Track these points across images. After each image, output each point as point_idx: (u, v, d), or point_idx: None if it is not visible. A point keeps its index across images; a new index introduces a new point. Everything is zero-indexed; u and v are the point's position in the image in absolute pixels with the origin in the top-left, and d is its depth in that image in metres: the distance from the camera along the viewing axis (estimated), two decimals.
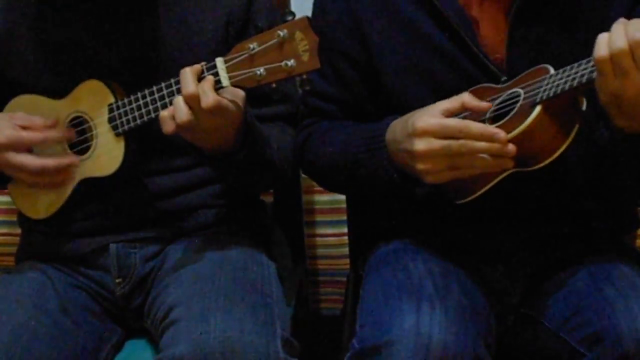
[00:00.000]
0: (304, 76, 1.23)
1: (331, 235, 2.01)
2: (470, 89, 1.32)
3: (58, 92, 1.44)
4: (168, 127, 1.27)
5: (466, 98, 1.24)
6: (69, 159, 1.41)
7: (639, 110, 1.16)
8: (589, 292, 1.29)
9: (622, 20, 1.15)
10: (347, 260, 1.85)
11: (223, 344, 1.22)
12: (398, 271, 1.34)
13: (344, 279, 1.80)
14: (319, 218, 2.00)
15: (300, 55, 1.21)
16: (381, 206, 1.50)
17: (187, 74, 1.26)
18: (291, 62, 1.21)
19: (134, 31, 1.43)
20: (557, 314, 1.32)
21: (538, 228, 1.38)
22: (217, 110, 1.25)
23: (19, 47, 1.46)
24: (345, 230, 1.81)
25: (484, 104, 1.24)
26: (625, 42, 1.11)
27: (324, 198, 1.97)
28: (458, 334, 1.20)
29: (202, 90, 1.24)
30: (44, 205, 1.48)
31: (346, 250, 1.89)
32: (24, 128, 1.39)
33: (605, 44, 1.13)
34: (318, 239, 2.02)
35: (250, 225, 1.56)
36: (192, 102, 1.25)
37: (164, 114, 1.27)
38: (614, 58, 1.12)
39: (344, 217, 1.80)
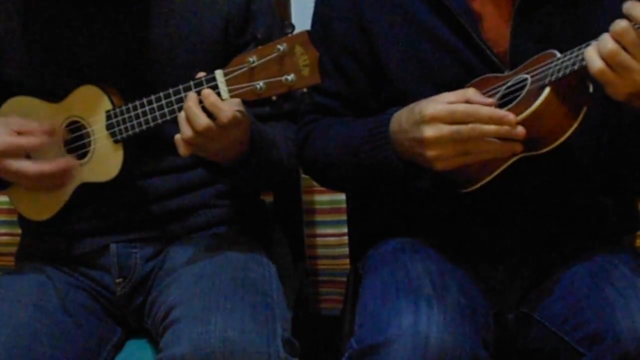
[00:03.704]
0: (304, 90, 1.23)
1: (331, 235, 2.01)
2: (476, 79, 1.33)
3: (51, 93, 1.44)
4: (184, 150, 1.28)
5: (470, 93, 1.24)
6: (66, 162, 1.39)
7: None
8: (588, 291, 1.29)
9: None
10: (347, 260, 1.85)
11: (224, 343, 1.23)
12: (396, 271, 1.34)
13: (344, 279, 1.80)
14: (319, 218, 2.00)
15: (301, 70, 1.21)
16: (381, 205, 1.50)
17: (193, 109, 1.25)
18: (291, 77, 1.21)
19: (129, 31, 1.42)
20: (556, 313, 1.32)
21: (538, 227, 1.38)
22: (234, 124, 1.25)
23: (11, 47, 1.46)
24: (345, 230, 1.81)
25: (488, 100, 1.24)
26: (612, 42, 1.13)
27: (324, 198, 1.97)
28: (456, 334, 1.20)
29: (216, 108, 1.24)
30: (43, 208, 1.48)
31: (346, 250, 1.89)
32: (20, 133, 1.37)
33: (595, 55, 1.14)
34: (318, 239, 2.02)
35: (250, 225, 1.57)
36: (207, 132, 1.25)
37: (177, 138, 1.27)
38: (609, 61, 1.13)
39: (344, 217, 1.81)
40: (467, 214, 1.36)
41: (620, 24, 1.13)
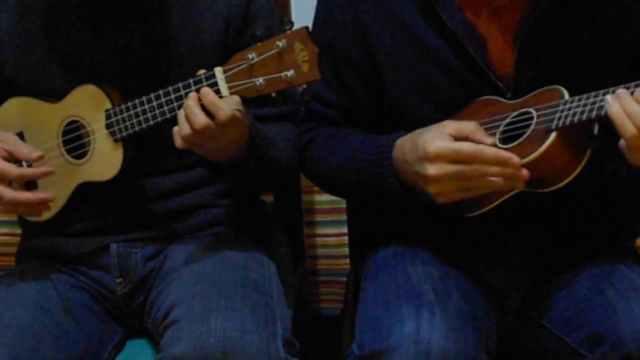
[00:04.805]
0: (304, 86, 1.23)
1: (331, 235, 2.01)
2: (477, 100, 1.32)
3: (53, 93, 1.44)
4: (180, 143, 1.28)
5: (471, 130, 1.23)
6: (43, 195, 1.37)
7: None
8: (590, 293, 1.29)
9: (621, 91, 1.14)
10: (347, 260, 1.85)
11: (224, 343, 1.23)
12: (397, 276, 1.34)
13: (344, 279, 1.81)
14: (319, 218, 2.00)
15: (300, 66, 1.21)
16: (381, 208, 1.50)
17: (192, 108, 1.25)
18: (291, 73, 1.21)
19: (132, 32, 1.42)
20: (558, 315, 1.32)
21: (539, 230, 1.38)
22: (233, 122, 1.25)
23: (14, 47, 1.45)
24: (345, 230, 1.81)
25: (488, 140, 1.23)
26: None
27: (324, 198, 1.97)
28: (458, 340, 1.20)
29: (215, 107, 1.24)
30: None
31: (346, 250, 1.89)
32: (10, 153, 1.36)
33: (627, 121, 1.12)
34: (318, 239, 2.02)
35: (250, 225, 1.56)
36: (205, 131, 1.25)
37: (175, 130, 1.27)
38: None
39: (344, 217, 1.80)
40: (467, 218, 1.36)
41: None
